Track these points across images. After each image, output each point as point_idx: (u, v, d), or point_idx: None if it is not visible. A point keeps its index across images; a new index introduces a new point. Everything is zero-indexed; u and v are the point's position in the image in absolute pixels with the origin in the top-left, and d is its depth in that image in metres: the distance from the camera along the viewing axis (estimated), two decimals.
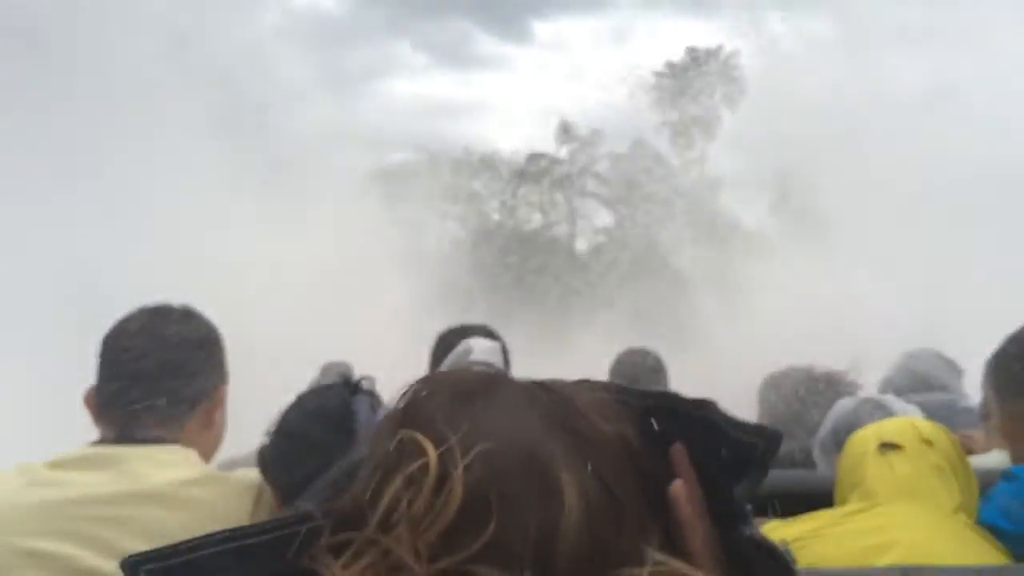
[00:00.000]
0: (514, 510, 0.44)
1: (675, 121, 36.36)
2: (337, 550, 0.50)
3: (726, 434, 0.53)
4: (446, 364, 1.94)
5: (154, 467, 1.21)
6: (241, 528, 0.58)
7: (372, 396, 1.24)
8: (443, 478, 0.45)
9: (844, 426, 1.36)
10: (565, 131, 34.79)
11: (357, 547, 0.47)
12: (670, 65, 36.36)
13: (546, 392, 0.51)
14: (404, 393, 0.54)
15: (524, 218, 35.58)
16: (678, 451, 0.54)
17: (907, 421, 1.16)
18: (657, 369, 3.12)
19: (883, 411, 1.38)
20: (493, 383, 0.52)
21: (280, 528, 0.56)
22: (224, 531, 0.58)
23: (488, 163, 33.51)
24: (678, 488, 0.53)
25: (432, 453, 0.46)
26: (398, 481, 0.47)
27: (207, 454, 1.36)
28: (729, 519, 0.52)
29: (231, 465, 1.72)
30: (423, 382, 0.55)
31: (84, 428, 1.29)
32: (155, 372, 1.30)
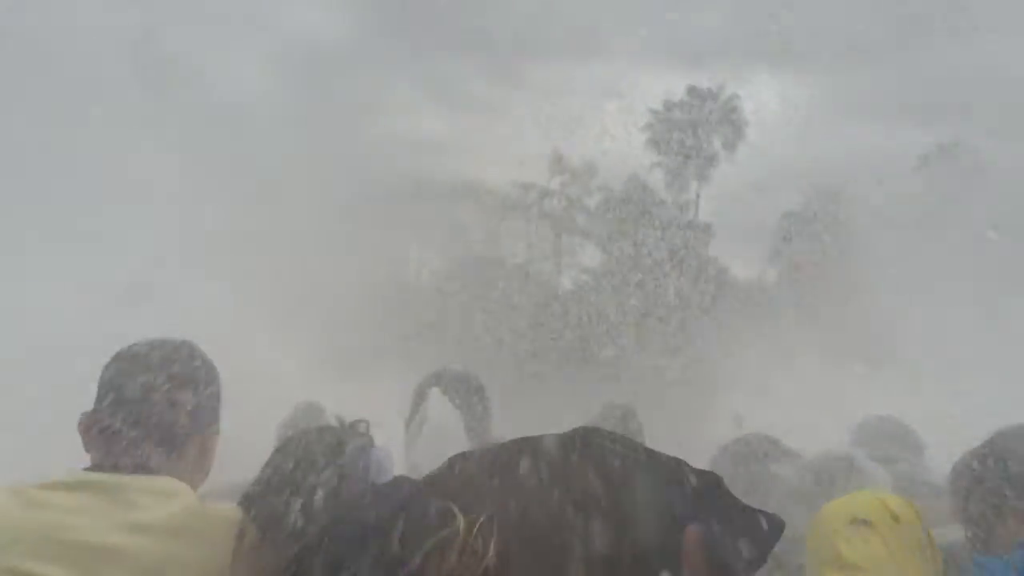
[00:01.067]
0: (522, 572, 0.54)
1: (670, 163, 37.06)
2: None
3: (740, 520, 0.61)
4: (411, 424, 2.07)
5: (148, 498, 1.28)
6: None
7: (365, 437, 1.33)
8: (470, 545, 0.55)
9: (817, 478, 1.50)
10: (557, 161, 35.20)
11: None
12: (668, 104, 37.12)
13: (561, 478, 0.59)
14: (444, 466, 0.65)
15: (509, 251, 35.82)
16: (692, 537, 0.59)
17: (876, 498, 1.25)
18: (633, 428, 3.22)
19: (849, 464, 1.53)
20: (513, 464, 0.60)
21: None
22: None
23: (473, 191, 33.79)
24: (692, 538, 0.59)
25: (462, 523, 0.56)
26: (431, 543, 0.56)
27: (195, 487, 1.43)
28: None
29: (206, 496, 1.81)
30: (459, 457, 0.65)
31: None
32: (153, 404, 1.37)
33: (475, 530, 0.57)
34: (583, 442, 0.63)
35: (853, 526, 1.15)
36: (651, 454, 0.64)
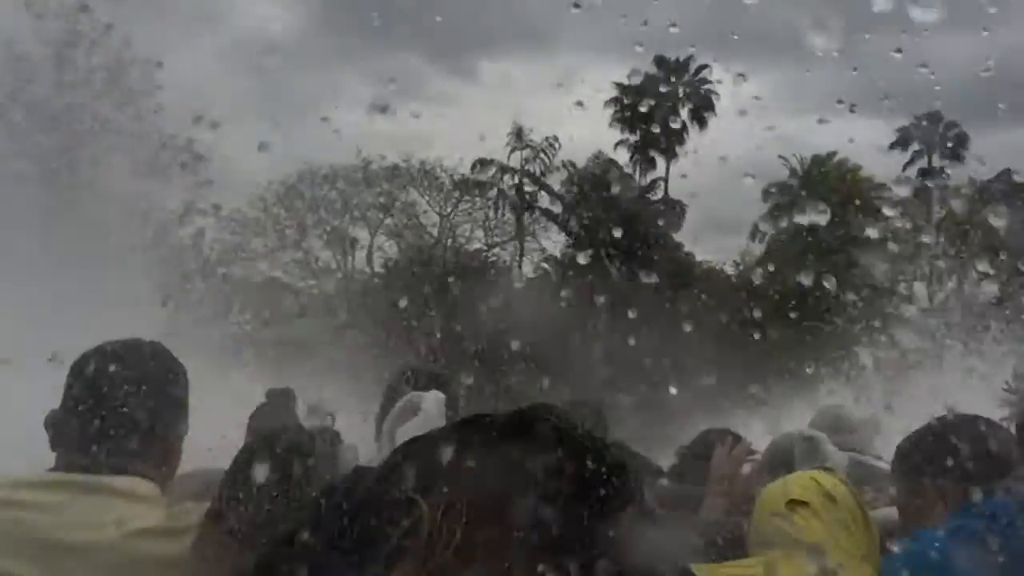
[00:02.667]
0: (486, 552, 0.63)
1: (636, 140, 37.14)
2: None
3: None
4: (392, 415, 2.16)
5: (117, 497, 1.38)
6: None
7: (330, 432, 1.44)
8: (435, 531, 0.63)
9: (781, 454, 1.70)
10: (518, 136, 34.84)
11: None
12: (634, 72, 37.11)
13: (510, 457, 0.69)
14: (392, 456, 0.73)
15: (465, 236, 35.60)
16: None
17: (811, 479, 1.40)
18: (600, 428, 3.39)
19: (811, 444, 1.73)
20: (466, 445, 0.69)
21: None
22: None
23: (428, 173, 33.49)
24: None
25: (426, 510, 0.64)
26: (399, 530, 0.64)
27: (163, 486, 1.54)
28: None
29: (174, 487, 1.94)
30: (407, 447, 0.73)
31: None
32: (122, 404, 1.44)
33: (439, 516, 0.65)
34: (534, 419, 0.72)
35: (792, 507, 1.32)
36: (599, 438, 0.73)
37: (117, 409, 1.45)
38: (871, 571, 1.30)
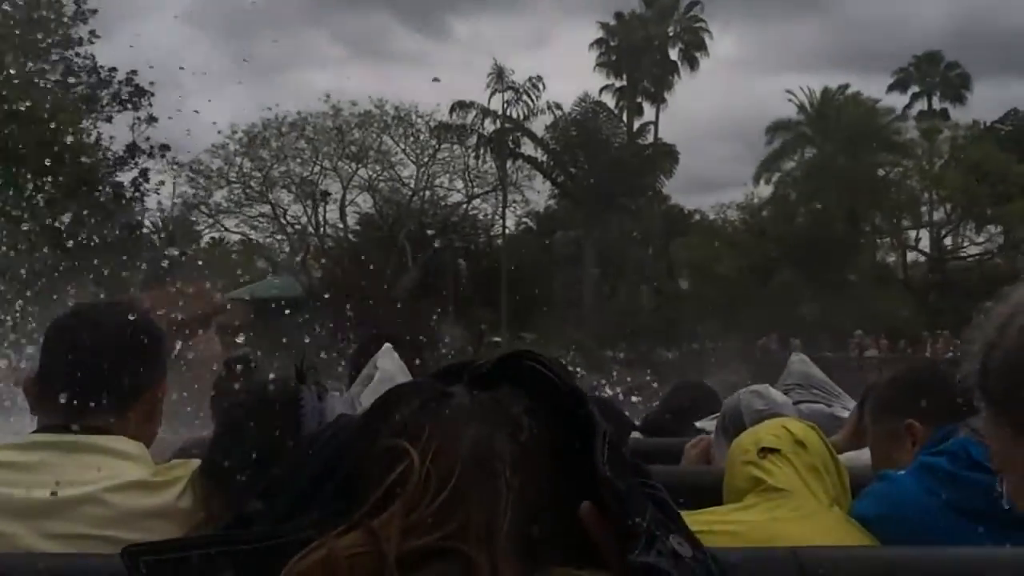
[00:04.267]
0: (468, 501, 0.66)
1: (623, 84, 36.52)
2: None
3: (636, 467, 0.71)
4: (358, 380, 2.29)
5: (101, 455, 1.47)
6: (236, 534, 0.71)
7: (319, 385, 1.54)
8: (423, 475, 0.66)
9: (730, 412, 1.85)
10: (499, 77, 34.19)
11: (347, 527, 0.66)
12: (619, 16, 36.37)
13: (493, 403, 0.73)
14: (377, 403, 0.75)
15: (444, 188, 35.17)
16: (587, 510, 0.70)
17: (781, 426, 1.52)
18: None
19: (760, 397, 1.89)
20: (448, 395, 0.73)
21: (272, 538, 0.71)
22: (219, 535, 0.72)
23: (403, 120, 32.97)
24: (587, 510, 0.69)
25: (416, 456, 0.67)
26: (389, 479, 0.66)
27: (148, 443, 1.63)
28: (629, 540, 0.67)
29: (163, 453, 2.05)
30: (389, 396, 0.76)
31: None
32: (101, 362, 1.50)
33: (426, 464, 0.67)
34: (519, 363, 0.76)
35: (763, 455, 1.44)
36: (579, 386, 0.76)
37: (95, 370, 1.52)
38: (841, 513, 1.43)
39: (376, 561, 0.62)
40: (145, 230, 27.46)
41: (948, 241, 32.07)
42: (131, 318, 1.58)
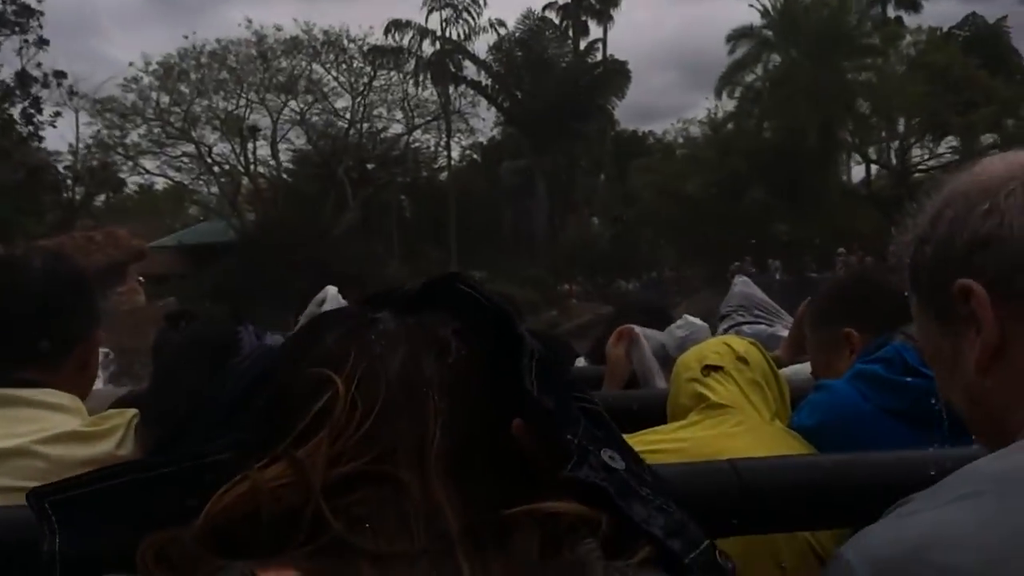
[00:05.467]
0: (396, 424, 0.68)
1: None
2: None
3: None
4: (304, 318, 2.33)
5: (35, 408, 1.50)
6: (148, 460, 0.72)
7: (256, 325, 1.57)
8: (348, 402, 0.67)
9: (652, 344, 1.96)
10: None
11: (271, 459, 0.66)
12: None
13: (420, 327, 0.75)
14: (297, 332, 0.78)
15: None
16: (517, 424, 0.73)
17: (723, 343, 1.60)
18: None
19: (680, 326, 2.00)
20: (374, 320, 0.75)
21: (186, 460, 0.71)
22: (131, 463, 0.72)
23: (334, 42, 32.00)
24: (519, 427, 0.71)
25: (340, 384, 0.68)
26: (314, 408, 0.67)
27: (83, 396, 1.66)
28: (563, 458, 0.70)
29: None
30: (313, 323, 0.77)
31: None
32: (31, 313, 1.50)
33: (351, 392, 0.70)
34: (445, 286, 0.79)
35: (707, 372, 1.52)
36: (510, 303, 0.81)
37: (24, 321, 1.53)
38: (781, 426, 1.53)
39: (302, 491, 0.63)
40: (59, 176, 26.41)
41: (914, 153, 32.56)
42: (59, 265, 1.59)
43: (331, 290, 2.29)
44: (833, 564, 0.66)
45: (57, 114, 26.11)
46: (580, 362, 2.66)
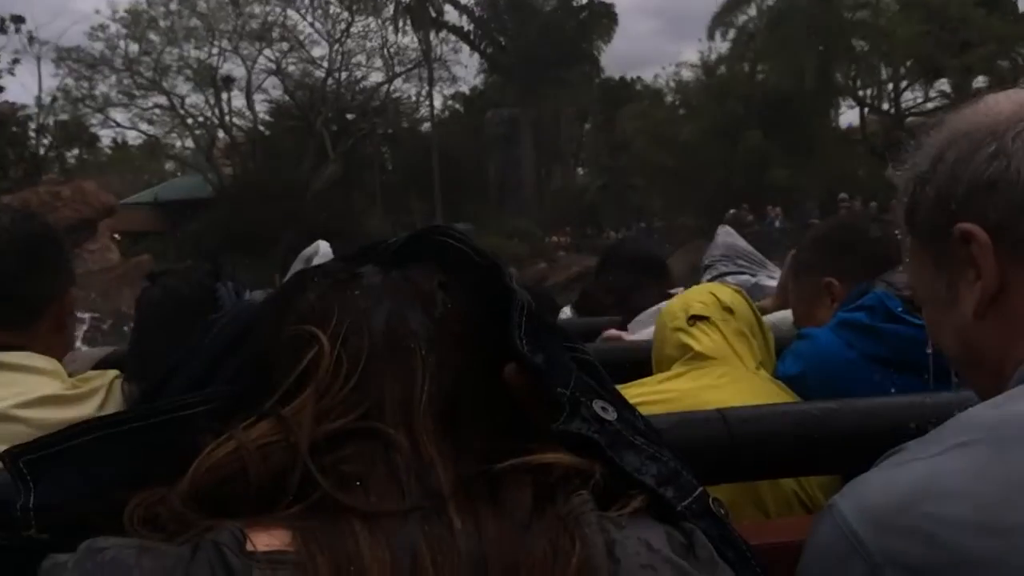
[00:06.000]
0: (382, 379, 0.69)
1: None
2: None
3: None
4: (295, 267, 2.32)
5: (11, 372, 1.50)
6: (121, 414, 0.72)
7: (235, 281, 1.58)
8: (334, 359, 0.68)
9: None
10: None
11: (256, 418, 0.67)
12: None
13: (404, 280, 0.75)
14: (280, 289, 0.78)
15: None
16: (509, 369, 0.73)
17: (709, 292, 1.61)
18: None
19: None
20: (357, 275, 0.75)
21: (160, 413, 0.71)
22: (106, 417, 0.71)
23: None
24: (511, 372, 0.72)
25: (325, 341, 0.69)
26: (300, 366, 0.68)
27: (59, 358, 1.66)
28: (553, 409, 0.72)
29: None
30: (296, 279, 0.77)
31: None
32: (1, 274, 1.47)
33: (337, 345, 0.69)
34: (430, 240, 0.79)
35: (692, 322, 1.54)
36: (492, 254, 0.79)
37: None
38: (766, 375, 1.56)
39: (289, 449, 0.64)
40: (24, 128, 25.88)
41: (906, 96, 32.36)
42: (29, 223, 1.58)
43: (323, 245, 2.28)
44: (825, 514, 0.67)
45: (16, 61, 25.46)
46: (566, 313, 2.67)
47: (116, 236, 21.46)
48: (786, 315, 1.95)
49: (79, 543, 0.60)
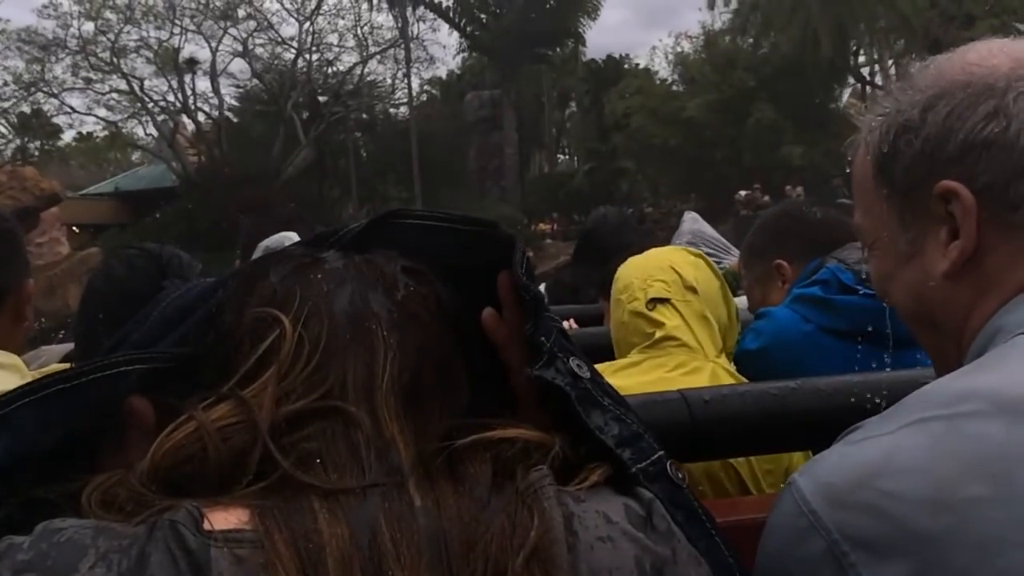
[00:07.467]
0: (344, 360, 0.73)
1: None
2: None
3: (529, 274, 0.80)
4: (260, 251, 2.36)
5: None
6: (45, 378, 0.72)
7: (184, 279, 1.61)
8: (295, 341, 0.72)
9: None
10: None
11: (216, 399, 0.70)
12: None
13: (366, 264, 0.79)
14: (239, 272, 0.81)
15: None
16: (504, 280, 0.81)
17: (671, 268, 1.65)
18: None
19: None
20: (320, 259, 0.79)
21: (85, 375, 0.72)
22: (30, 383, 0.72)
23: None
24: (489, 315, 0.80)
25: (287, 323, 0.73)
26: (261, 348, 0.72)
27: (16, 351, 1.72)
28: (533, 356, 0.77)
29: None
30: (257, 264, 0.81)
31: None
32: None
33: (299, 327, 0.73)
34: (389, 222, 0.84)
35: (652, 305, 1.60)
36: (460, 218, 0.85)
37: None
38: (724, 364, 1.62)
39: (249, 430, 0.67)
40: None
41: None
42: None
43: (292, 237, 2.33)
44: (785, 491, 0.70)
45: None
46: None
47: (75, 228, 21.33)
48: (741, 301, 2.04)
49: (36, 525, 0.63)
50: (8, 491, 0.70)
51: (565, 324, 2.17)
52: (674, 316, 1.60)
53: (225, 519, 0.63)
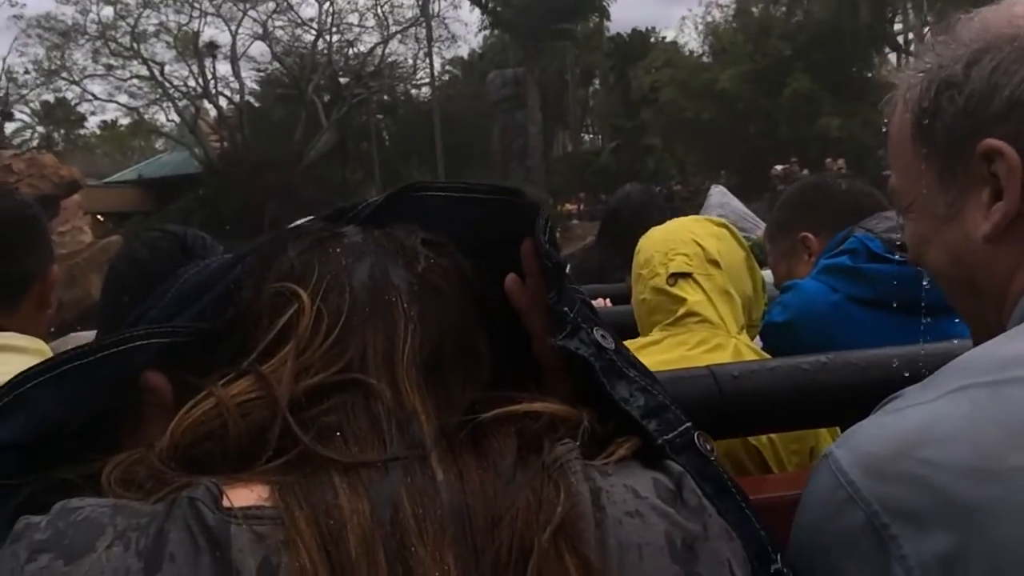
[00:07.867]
0: (363, 332, 0.73)
1: None
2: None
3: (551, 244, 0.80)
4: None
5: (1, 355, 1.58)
6: (62, 354, 0.73)
7: (206, 250, 1.62)
8: (314, 315, 0.72)
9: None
10: None
11: (236, 374, 0.70)
12: None
13: (386, 237, 0.79)
14: (257, 248, 0.81)
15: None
16: (527, 247, 0.81)
17: (694, 241, 1.64)
18: None
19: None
20: (339, 234, 0.79)
21: (100, 350, 0.73)
22: (44, 361, 0.72)
23: None
24: (511, 280, 0.80)
25: (306, 298, 0.73)
26: (279, 323, 0.72)
27: (40, 336, 1.74)
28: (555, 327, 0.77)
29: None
30: (276, 239, 0.81)
31: None
32: None
33: (318, 301, 0.73)
34: (408, 195, 0.85)
35: (673, 280, 1.60)
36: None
37: None
38: (745, 340, 1.62)
39: (268, 406, 0.67)
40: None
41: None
42: (7, 201, 1.65)
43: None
44: (821, 463, 0.68)
45: None
46: None
47: (99, 217, 21.54)
48: (767, 274, 2.03)
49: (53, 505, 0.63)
50: (29, 471, 0.70)
51: (598, 303, 2.17)
52: (696, 291, 1.59)
53: (245, 496, 0.63)
